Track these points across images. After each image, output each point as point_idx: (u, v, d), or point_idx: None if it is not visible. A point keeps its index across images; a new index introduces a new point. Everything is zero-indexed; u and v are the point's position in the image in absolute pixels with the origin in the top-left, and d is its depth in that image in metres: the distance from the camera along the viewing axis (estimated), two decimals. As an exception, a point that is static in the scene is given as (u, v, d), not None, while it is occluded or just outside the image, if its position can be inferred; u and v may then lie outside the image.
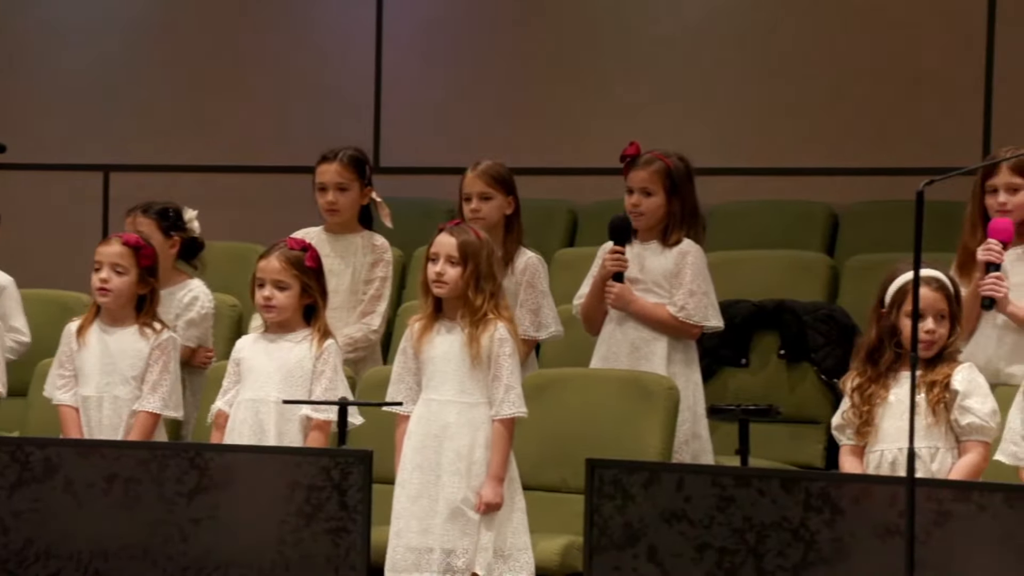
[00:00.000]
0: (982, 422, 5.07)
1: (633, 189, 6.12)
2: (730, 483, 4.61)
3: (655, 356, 6.03)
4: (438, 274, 5.45)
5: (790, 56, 8.38)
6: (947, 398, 5.10)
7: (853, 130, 8.25)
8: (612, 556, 4.68)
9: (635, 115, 8.41)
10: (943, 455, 5.07)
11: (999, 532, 4.28)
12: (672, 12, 8.61)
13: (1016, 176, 5.68)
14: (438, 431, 5.42)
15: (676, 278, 6.05)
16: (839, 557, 4.46)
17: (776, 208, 8.11)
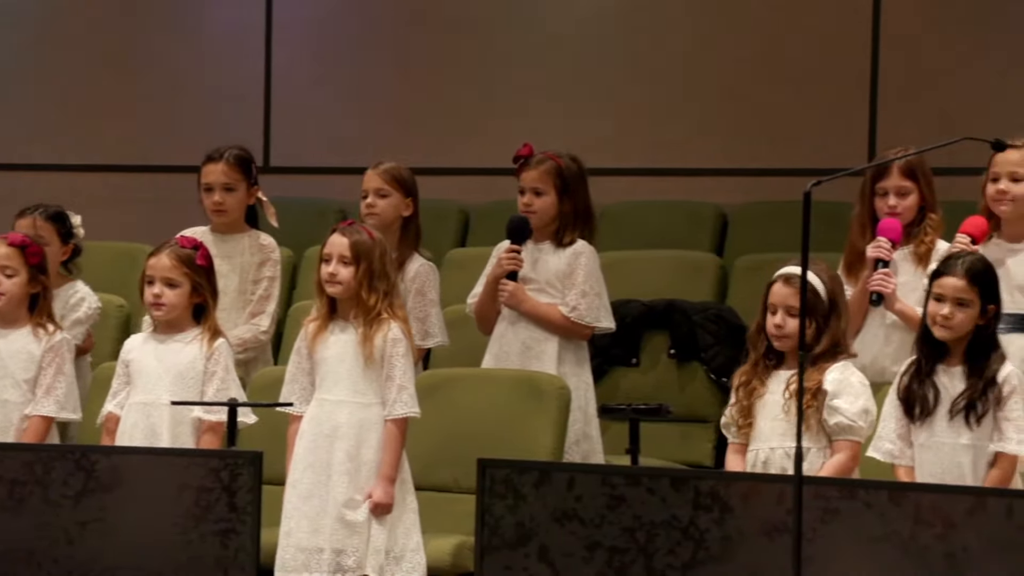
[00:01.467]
0: (850, 422, 5.13)
1: (525, 189, 6.14)
2: (620, 482, 4.63)
3: (546, 356, 6.05)
4: (331, 274, 5.43)
5: (680, 57, 8.43)
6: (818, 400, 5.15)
7: (742, 131, 8.31)
8: (503, 556, 4.69)
9: (526, 115, 8.43)
10: (814, 455, 5.12)
11: (884, 529, 4.33)
12: (563, 12, 8.64)
13: (906, 180, 5.75)
14: (330, 431, 5.40)
15: (569, 279, 6.08)
16: (728, 555, 4.49)
17: (666, 208, 8.16)
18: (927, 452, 5.08)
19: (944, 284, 5.08)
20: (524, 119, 8.36)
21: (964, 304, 5.06)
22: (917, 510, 4.30)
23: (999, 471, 5.01)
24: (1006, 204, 5.62)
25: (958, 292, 5.06)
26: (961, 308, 5.06)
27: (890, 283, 5.60)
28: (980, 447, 5.04)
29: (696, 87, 8.40)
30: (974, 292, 5.06)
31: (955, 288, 5.06)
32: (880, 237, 5.66)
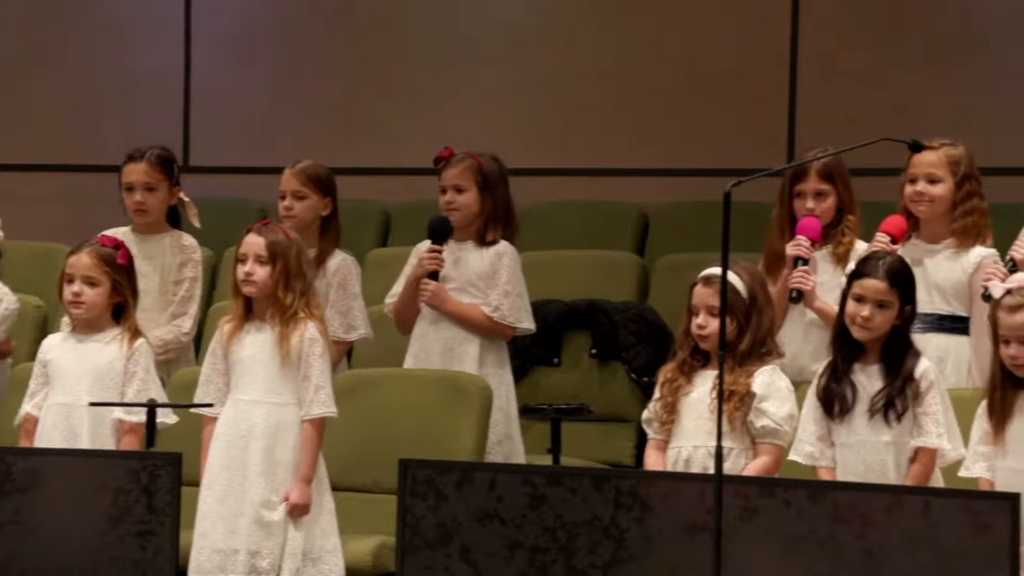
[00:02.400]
0: (776, 426, 5.16)
1: (446, 187, 6.14)
2: (542, 482, 4.63)
3: (467, 356, 6.05)
4: (247, 274, 5.41)
5: (601, 58, 8.45)
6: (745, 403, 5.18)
7: (663, 131, 8.35)
8: (424, 556, 4.68)
9: (447, 116, 8.43)
10: (736, 456, 5.15)
11: (803, 527, 4.35)
12: (485, 12, 8.64)
13: (824, 182, 5.78)
14: (245, 432, 5.38)
15: (491, 279, 6.08)
16: (648, 554, 4.51)
17: (587, 208, 8.18)
18: (849, 451, 5.12)
19: (865, 285, 5.11)
20: (445, 119, 8.36)
21: (884, 306, 5.10)
22: (836, 508, 4.33)
23: (920, 466, 5.05)
24: (924, 205, 5.66)
25: (879, 294, 5.09)
26: (881, 310, 5.10)
27: (809, 280, 5.63)
28: (901, 443, 5.08)
29: (617, 88, 8.43)
30: (894, 294, 5.10)
31: (876, 290, 5.09)
32: (799, 236, 5.70)
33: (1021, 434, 4.90)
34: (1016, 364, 4.88)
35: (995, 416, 4.92)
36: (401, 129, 8.56)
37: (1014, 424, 4.91)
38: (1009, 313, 4.89)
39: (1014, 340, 4.87)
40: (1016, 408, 4.91)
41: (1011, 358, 4.88)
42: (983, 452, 4.96)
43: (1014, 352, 4.87)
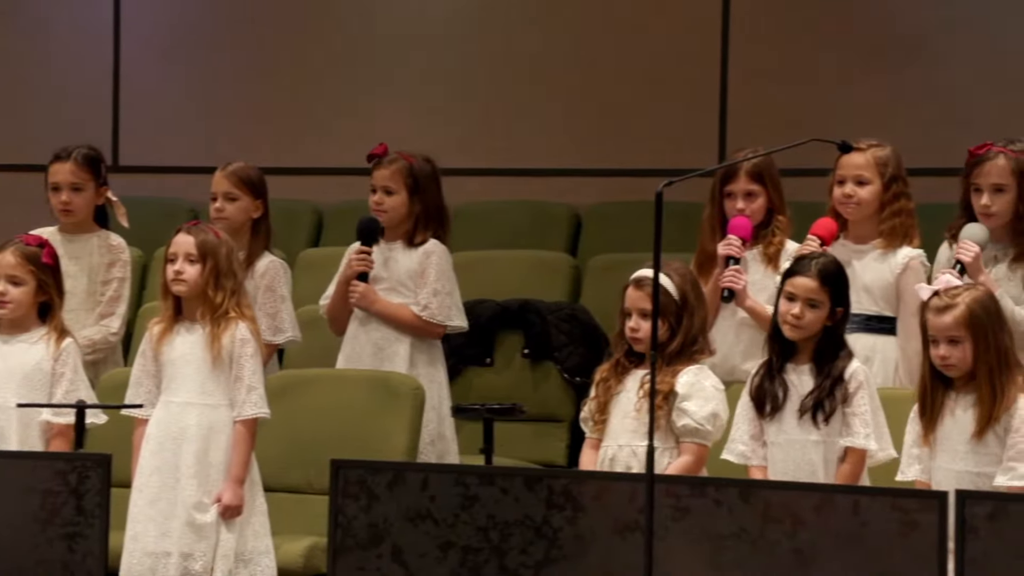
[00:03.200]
0: (696, 425, 5.18)
1: (376, 188, 6.14)
2: (474, 482, 4.63)
3: (398, 357, 6.05)
4: (177, 273, 5.39)
5: (533, 57, 8.46)
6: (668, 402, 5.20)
7: (595, 132, 8.36)
8: (356, 556, 4.67)
9: (380, 115, 8.41)
10: (660, 455, 5.16)
11: (734, 526, 4.37)
12: (418, 11, 8.63)
13: (753, 183, 5.81)
14: (177, 433, 5.36)
15: (420, 278, 6.08)
16: (580, 553, 4.51)
17: (520, 208, 8.18)
18: (778, 450, 5.14)
19: (796, 284, 5.14)
20: (378, 119, 8.35)
21: (814, 305, 5.13)
22: (766, 507, 4.35)
23: (849, 466, 5.09)
24: (852, 208, 5.69)
25: (809, 293, 5.12)
26: (812, 308, 5.13)
27: (741, 279, 5.66)
28: (830, 443, 5.11)
29: (550, 88, 8.44)
30: (825, 293, 5.13)
31: (807, 288, 5.13)
32: (731, 235, 5.72)
33: (951, 433, 4.94)
34: (945, 364, 4.92)
35: (926, 416, 4.96)
36: (334, 129, 8.54)
37: (945, 424, 4.95)
38: (937, 314, 4.93)
39: (943, 341, 4.91)
40: (946, 408, 4.95)
41: (940, 358, 4.92)
42: (917, 455, 4.99)
43: (943, 352, 4.91)
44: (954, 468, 4.90)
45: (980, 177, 5.53)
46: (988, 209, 5.51)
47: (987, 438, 4.88)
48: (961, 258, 5.41)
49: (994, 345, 4.89)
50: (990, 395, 4.87)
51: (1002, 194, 5.52)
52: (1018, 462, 4.83)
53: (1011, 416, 4.86)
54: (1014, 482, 4.80)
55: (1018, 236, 5.53)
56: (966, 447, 4.90)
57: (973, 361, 4.89)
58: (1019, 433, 4.84)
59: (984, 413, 4.87)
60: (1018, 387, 4.89)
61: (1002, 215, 5.53)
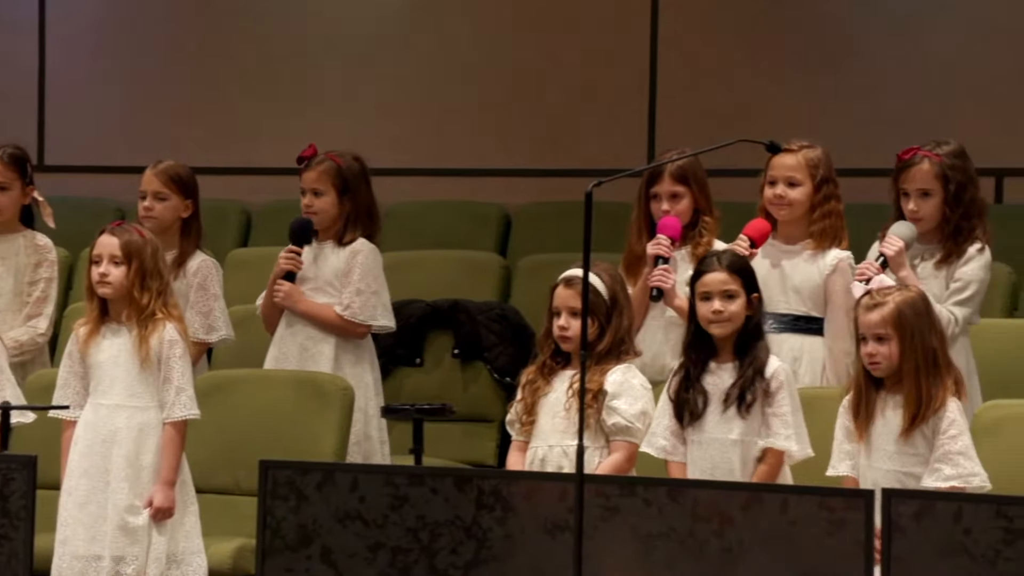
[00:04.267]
0: (627, 423, 5.19)
1: (305, 190, 6.12)
2: (404, 482, 4.63)
3: (322, 357, 6.04)
4: (102, 275, 5.35)
5: (464, 58, 8.46)
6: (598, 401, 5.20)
7: (525, 132, 8.37)
8: (285, 558, 4.66)
9: (311, 115, 8.39)
10: (590, 454, 5.16)
11: (663, 526, 4.39)
12: (349, 12, 8.61)
13: (678, 184, 5.82)
14: (107, 436, 5.32)
15: (345, 277, 6.07)
16: (510, 553, 4.52)
17: (450, 209, 8.18)
18: (697, 448, 5.16)
19: (706, 281, 5.16)
20: (309, 119, 8.32)
21: (731, 295, 5.14)
22: (695, 506, 4.37)
23: (767, 466, 5.10)
24: (784, 209, 5.72)
25: (722, 285, 5.14)
26: (729, 300, 5.14)
27: (669, 278, 5.67)
28: (748, 442, 5.13)
29: (481, 89, 8.44)
30: (737, 282, 5.15)
31: (719, 282, 5.14)
32: (660, 235, 5.74)
33: (881, 433, 4.96)
34: (872, 362, 4.95)
35: (859, 416, 4.99)
36: (264, 129, 8.50)
37: (875, 423, 4.98)
38: (866, 312, 4.96)
39: (871, 338, 4.94)
40: (877, 408, 4.98)
41: (868, 356, 4.95)
42: (848, 450, 5.02)
43: (870, 350, 4.94)
44: (882, 467, 4.93)
45: (907, 182, 5.58)
46: (915, 214, 5.55)
47: (915, 439, 4.91)
48: (884, 251, 5.45)
49: (921, 345, 4.92)
50: (916, 396, 4.90)
51: (928, 198, 5.56)
52: (944, 463, 4.86)
53: (940, 418, 4.89)
54: (940, 483, 4.83)
55: (946, 239, 5.57)
56: (894, 447, 4.93)
57: (899, 360, 4.92)
58: (946, 435, 4.88)
59: (910, 413, 4.90)
60: (948, 389, 4.92)
61: (929, 219, 5.57)
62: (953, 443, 4.87)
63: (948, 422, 4.89)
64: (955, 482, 4.83)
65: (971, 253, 5.54)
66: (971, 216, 5.55)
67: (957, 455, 4.86)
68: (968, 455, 4.87)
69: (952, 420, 4.88)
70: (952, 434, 4.87)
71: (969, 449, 4.88)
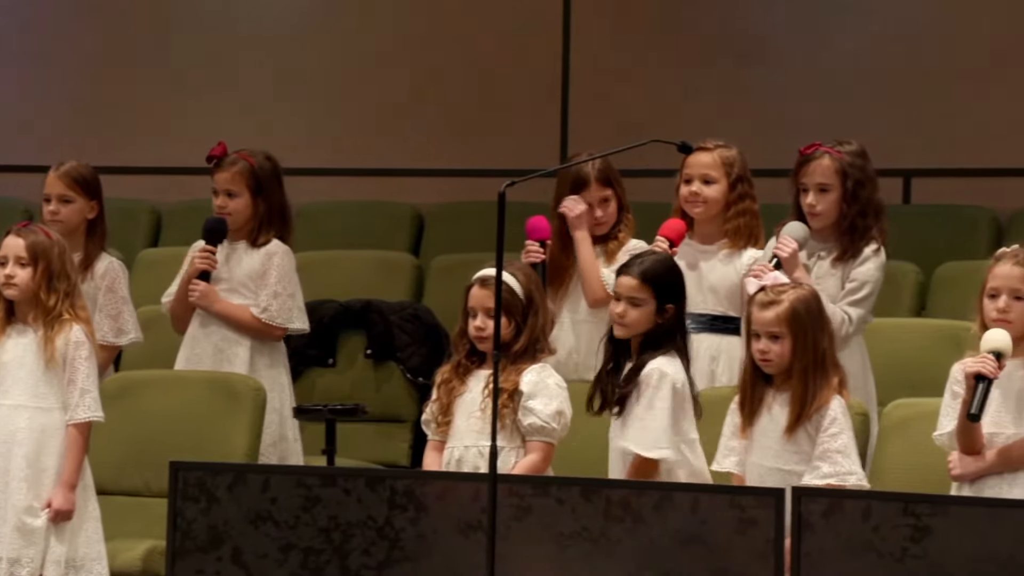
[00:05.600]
0: (543, 423, 5.19)
1: (218, 191, 6.09)
2: (316, 483, 4.61)
3: (238, 358, 6.01)
4: (8, 276, 5.31)
5: (377, 58, 8.44)
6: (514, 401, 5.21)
7: (438, 132, 8.36)
8: (195, 559, 4.63)
9: (222, 114, 8.34)
10: (507, 454, 5.16)
11: (576, 525, 4.40)
12: (260, 11, 8.57)
13: (606, 188, 5.82)
14: (7, 437, 5.28)
15: (262, 279, 6.04)
16: (423, 554, 4.51)
17: (363, 208, 8.16)
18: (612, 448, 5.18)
19: (620, 284, 5.18)
20: (220, 118, 8.27)
21: (636, 303, 5.14)
22: (608, 505, 4.38)
23: (632, 468, 5.06)
24: (699, 207, 5.74)
25: (629, 291, 5.15)
26: (634, 307, 5.14)
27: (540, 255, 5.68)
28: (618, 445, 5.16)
29: (393, 88, 8.42)
30: (647, 291, 5.13)
31: (628, 287, 5.15)
32: (529, 240, 5.76)
33: (767, 430, 4.98)
34: (764, 359, 4.97)
35: (745, 411, 5.02)
36: (174, 128, 8.45)
37: (761, 420, 5.00)
38: (761, 309, 4.98)
39: (764, 335, 4.96)
40: (764, 404, 5.01)
41: (759, 353, 4.97)
42: (734, 447, 5.03)
43: (763, 347, 4.96)
44: (765, 464, 4.95)
45: (806, 177, 5.62)
46: (813, 208, 5.59)
47: (799, 436, 4.93)
48: (778, 253, 5.48)
49: (812, 345, 4.94)
50: (802, 394, 4.92)
51: (826, 194, 5.60)
52: (824, 461, 4.87)
53: (822, 416, 4.91)
54: (817, 481, 4.83)
55: (842, 236, 5.61)
56: (778, 444, 4.95)
57: (791, 359, 4.95)
58: (827, 433, 4.89)
59: (796, 411, 4.92)
60: (833, 388, 4.95)
61: (827, 215, 5.61)
62: (833, 441, 4.89)
63: (830, 420, 4.90)
64: (832, 480, 4.83)
65: (867, 253, 5.58)
66: (868, 215, 5.59)
67: (836, 453, 4.87)
68: (846, 454, 4.88)
69: (833, 418, 4.90)
70: (832, 432, 4.89)
71: (848, 448, 4.89)
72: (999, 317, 4.83)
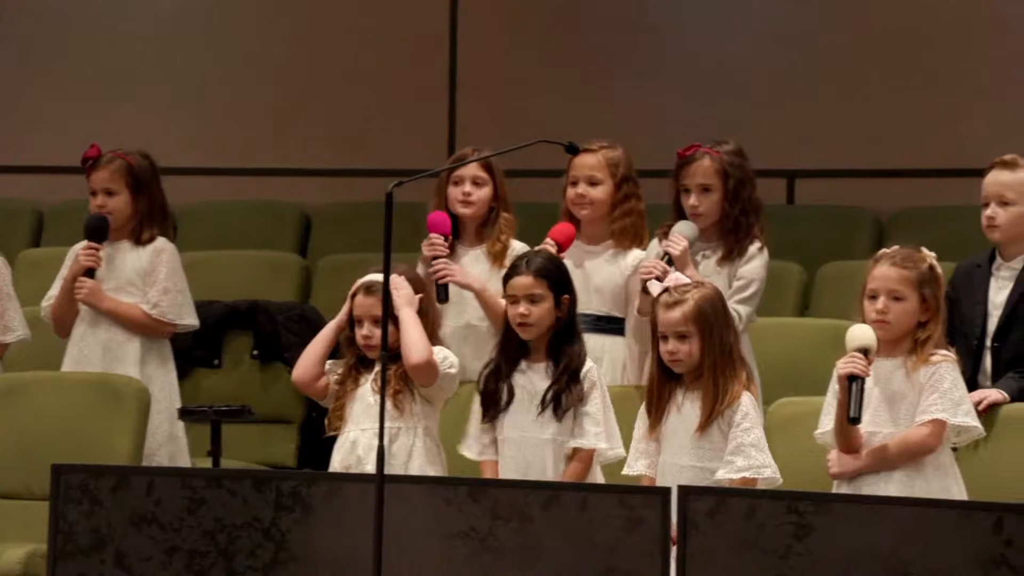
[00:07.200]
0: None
1: (96, 191, 6.05)
2: (201, 485, 4.58)
3: (129, 357, 5.97)
4: None
5: (263, 57, 8.40)
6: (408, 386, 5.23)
7: (324, 132, 8.34)
8: (77, 563, 4.59)
9: (105, 115, 8.27)
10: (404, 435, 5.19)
11: (463, 525, 4.40)
12: (142, 9, 8.50)
13: (483, 171, 5.81)
14: None
15: (150, 276, 6.01)
16: (309, 555, 4.50)
17: (249, 208, 8.13)
18: (509, 446, 5.19)
19: (514, 284, 5.21)
20: (103, 118, 8.20)
21: (536, 300, 5.18)
22: (495, 505, 4.39)
23: (578, 464, 5.14)
24: (585, 208, 5.77)
25: (527, 289, 5.18)
26: (535, 304, 5.18)
27: (453, 270, 5.67)
28: (560, 441, 5.17)
29: (280, 87, 8.39)
30: (544, 286, 5.19)
31: (524, 286, 5.19)
32: (432, 234, 5.75)
33: (677, 428, 5.03)
34: (673, 360, 5.01)
35: (653, 411, 5.05)
36: (57, 127, 8.36)
37: (671, 419, 5.04)
38: (666, 310, 5.02)
39: (671, 336, 5.01)
40: (673, 403, 5.05)
41: (668, 354, 5.01)
42: (644, 449, 5.08)
43: (671, 348, 5.00)
44: (678, 463, 5.00)
45: (687, 178, 5.66)
46: (696, 209, 5.63)
47: (711, 433, 4.99)
48: (670, 251, 5.52)
49: (719, 342, 5.00)
50: (714, 390, 4.98)
51: (709, 194, 5.65)
52: (737, 455, 4.94)
53: (734, 411, 4.98)
54: (732, 475, 4.91)
55: (725, 235, 5.66)
56: (690, 442, 5.00)
57: (700, 357, 5.00)
58: (739, 427, 4.96)
59: (708, 408, 4.98)
60: (741, 383, 5.01)
61: (709, 215, 5.65)
62: (746, 435, 4.95)
63: (742, 415, 4.97)
64: (746, 473, 4.90)
65: (752, 251, 5.64)
66: (749, 213, 5.65)
67: (749, 447, 4.94)
68: (760, 447, 4.95)
69: (745, 413, 4.97)
70: (745, 427, 4.96)
71: (761, 441, 4.97)
72: (878, 318, 4.90)
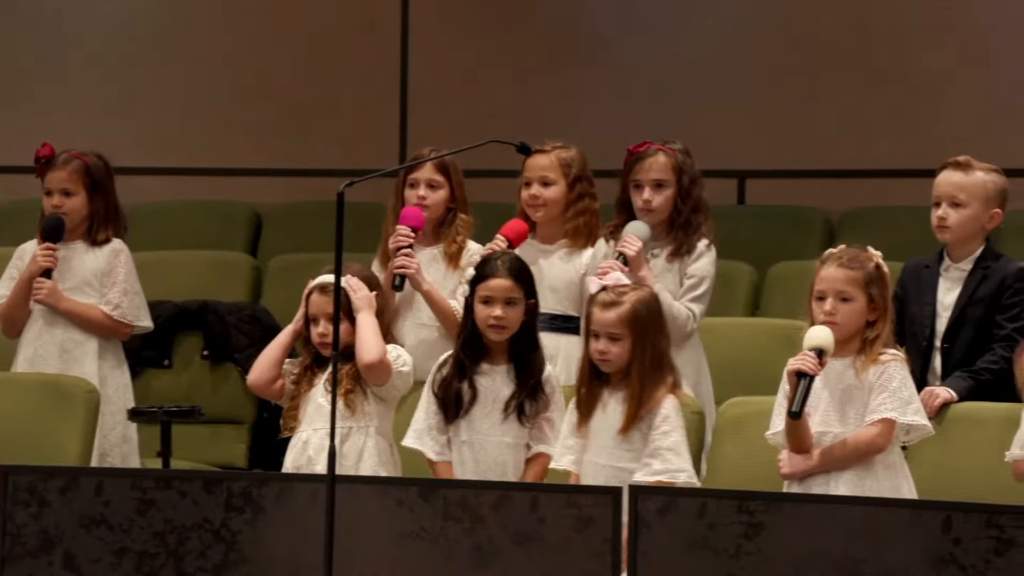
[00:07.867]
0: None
1: (53, 191, 6.02)
2: (151, 486, 4.57)
3: (87, 357, 5.96)
4: None
5: (216, 56, 8.38)
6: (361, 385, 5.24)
7: (276, 131, 8.32)
8: (26, 565, 4.56)
9: (53, 113, 8.23)
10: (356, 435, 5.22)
11: (414, 525, 4.40)
12: (90, 9, 8.46)
13: (438, 173, 5.82)
14: None
15: (108, 277, 6.01)
16: (260, 556, 4.49)
17: (199, 208, 8.10)
18: (468, 449, 5.18)
19: (492, 286, 5.18)
20: (51, 117, 8.17)
21: (512, 303, 5.17)
22: (446, 505, 4.39)
23: (539, 468, 5.14)
24: (540, 210, 5.77)
25: (506, 292, 5.17)
26: (510, 307, 5.17)
27: (412, 263, 5.68)
28: (520, 445, 5.17)
29: (232, 86, 8.37)
30: (519, 290, 5.19)
31: (503, 288, 5.16)
32: (400, 226, 5.74)
33: (601, 428, 5.02)
34: (602, 359, 5.01)
35: (581, 409, 5.05)
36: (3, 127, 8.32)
37: (596, 418, 5.04)
38: (602, 309, 5.02)
39: (603, 336, 5.00)
40: (599, 402, 5.05)
41: (599, 353, 5.01)
42: (571, 445, 5.08)
43: (602, 347, 5.00)
44: (599, 461, 5.00)
45: (641, 173, 5.67)
46: (649, 204, 5.65)
47: (632, 435, 4.98)
48: (624, 251, 5.53)
49: (651, 346, 4.99)
50: (639, 393, 4.97)
51: (662, 190, 5.66)
52: (654, 459, 4.93)
53: (655, 415, 4.97)
54: (648, 477, 4.89)
55: (676, 232, 5.68)
56: (612, 443, 5.00)
57: (629, 359, 4.99)
58: (658, 431, 4.95)
59: (631, 410, 4.97)
60: (667, 387, 5.01)
61: (661, 211, 5.67)
62: (664, 439, 4.94)
63: (662, 418, 4.96)
64: (662, 477, 4.90)
65: (701, 249, 5.66)
66: (699, 211, 5.68)
67: (667, 451, 4.93)
68: (677, 451, 4.94)
69: (666, 416, 4.96)
70: (664, 430, 4.95)
71: (679, 446, 4.96)
72: (826, 319, 4.92)
